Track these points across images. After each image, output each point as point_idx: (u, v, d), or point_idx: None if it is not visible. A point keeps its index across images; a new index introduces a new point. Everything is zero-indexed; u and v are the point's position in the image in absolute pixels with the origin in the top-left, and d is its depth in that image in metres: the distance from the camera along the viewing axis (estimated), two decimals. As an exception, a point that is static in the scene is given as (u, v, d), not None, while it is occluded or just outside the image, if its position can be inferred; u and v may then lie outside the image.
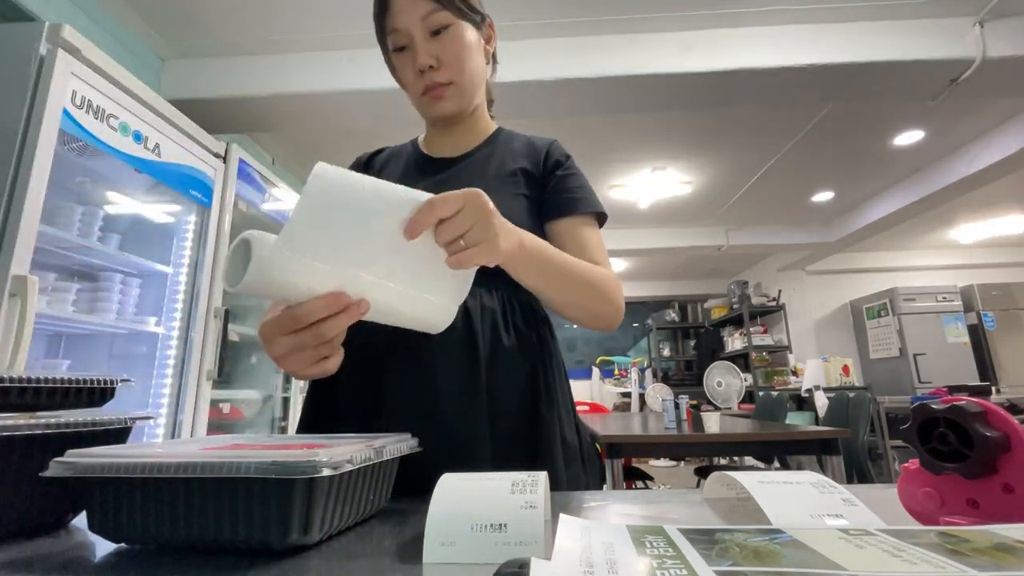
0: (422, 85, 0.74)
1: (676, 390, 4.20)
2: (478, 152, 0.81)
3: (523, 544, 0.32)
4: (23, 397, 0.55)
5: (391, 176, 0.81)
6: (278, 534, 0.34)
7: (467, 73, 0.75)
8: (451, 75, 0.73)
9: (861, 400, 2.75)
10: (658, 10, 2.29)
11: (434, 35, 0.71)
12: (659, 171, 3.86)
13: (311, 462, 0.34)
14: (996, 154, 3.31)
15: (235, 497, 0.35)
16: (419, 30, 0.70)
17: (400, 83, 0.78)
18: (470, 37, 0.74)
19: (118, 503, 0.36)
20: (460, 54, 0.73)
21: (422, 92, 0.75)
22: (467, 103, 0.79)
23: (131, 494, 0.36)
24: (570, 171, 0.79)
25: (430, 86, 0.73)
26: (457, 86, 0.74)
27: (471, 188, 0.49)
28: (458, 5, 0.71)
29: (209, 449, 0.39)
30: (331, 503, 0.38)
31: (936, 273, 5.79)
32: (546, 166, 0.79)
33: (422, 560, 0.32)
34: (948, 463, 0.36)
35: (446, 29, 0.71)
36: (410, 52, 0.72)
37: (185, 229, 2.10)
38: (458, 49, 0.72)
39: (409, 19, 0.70)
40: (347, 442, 0.43)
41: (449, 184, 0.70)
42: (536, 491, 0.36)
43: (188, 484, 0.35)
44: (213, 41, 2.41)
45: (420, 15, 0.69)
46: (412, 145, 0.87)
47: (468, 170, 0.79)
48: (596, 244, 0.75)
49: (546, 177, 0.78)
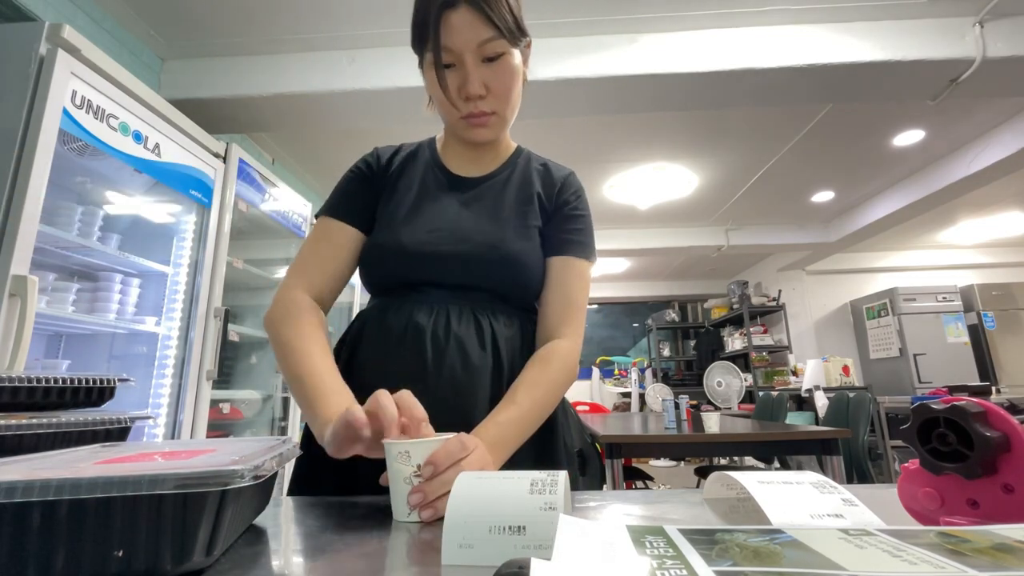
0: (466, 110, 0.73)
1: (676, 390, 4.21)
2: (500, 174, 0.82)
3: (543, 547, 0.31)
4: (23, 397, 0.55)
5: (409, 183, 0.81)
6: (175, 556, 0.29)
7: (511, 104, 0.75)
8: (497, 106, 0.73)
9: (861, 400, 2.75)
10: (658, 10, 2.29)
11: (486, 61, 0.69)
12: (659, 171, 3.86)
13: (234, 470, 0.30)
14: (996, 154, 3.31)
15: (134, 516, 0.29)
16: (473, 55, 0.68)
17: (435, 97, 0.74)
18: (517, 64, 0.73)
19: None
20: (510, 87, 0.73)
21: (464, 115, 0.73)
22: (505, 131, 0.81)
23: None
24: (576, 211, 0.80)
25: (475, 113, 0.73)
26: (500, 116, 0.75)
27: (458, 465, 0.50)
28: (515, 33, 0.69)
29: None
30: (234, 514, 0.34)
31: (936, 273, 5.79)
32: (558, 199, 0.80)
33: (441, 562, 0.32)
34: (948, 463, 0.36)
35: (500, 57, 0.69)
36: (458, 72, 0.70)
37: (185, 229, 2.10)
38: (509, 81, 0.72)
39: (465, 42, 0.67)
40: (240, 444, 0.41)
41: (472, 207, 0.79)
42: (556, 491, 0.35)
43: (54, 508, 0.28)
44: (213, 41, 2.41)
45: (478, 41, 0.67)
46: (430, 150, 0.85)
47: (492, 193, 0.80)
48: (577, 289, 0.77)
49: (555, 211, 0.80)
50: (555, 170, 0.84)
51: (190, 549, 0.30)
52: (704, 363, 5.85)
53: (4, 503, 0.28)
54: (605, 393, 6.51)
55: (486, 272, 0.73)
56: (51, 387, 0.56)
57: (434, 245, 0.73)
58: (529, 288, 0.77)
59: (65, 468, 0.33)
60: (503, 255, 0.73)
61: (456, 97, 0.71)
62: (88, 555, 0.29)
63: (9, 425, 0.47)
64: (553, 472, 0.38)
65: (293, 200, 2.77)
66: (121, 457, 0.39)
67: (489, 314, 0.74)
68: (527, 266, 0.75)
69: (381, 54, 2.43)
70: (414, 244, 0.73)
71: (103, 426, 0.58)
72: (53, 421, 0.47)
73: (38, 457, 0.41)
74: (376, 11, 2.25)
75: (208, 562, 0.32)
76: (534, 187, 0.80)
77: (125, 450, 0.45)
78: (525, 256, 0.75)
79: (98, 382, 0.64)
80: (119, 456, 0.40)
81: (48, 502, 0.28)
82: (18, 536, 0.28)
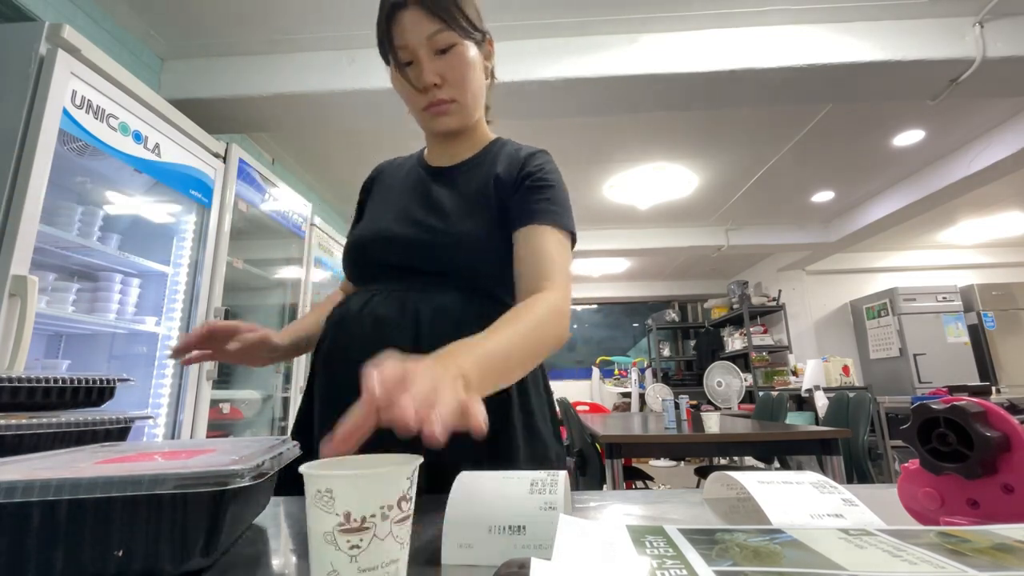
0: (425, 101, 0.76)
1: (676, 390, 4.21)
2: (470, 162, 0.83)
3: (543, 547, 0.31)
4: (23, 397, 0.55)
5: (391, 184, 0.87)
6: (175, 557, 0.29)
7: (469, 91, 0.77)
8: (454, 93, 0.76)
9: (861, 400, 2.75)
10: (658, 10, 2.29)
11: (439, 53, 0.73)
12: (659, 171, 3.85)
13: (234, 470, 0.30)
14: (996, 154, 3.31)
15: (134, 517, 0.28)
16: (425, 48, 0.72)
17: (402, 95, 0.79)
18: (472, 55, 0.76)
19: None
20: (464, 73, 0.75)
21: (425, 107, 0.77)
22: (468, 119, 0.81)
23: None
24: (540, 182, 0.76)
25: (434, 102, 0.76)
26: (460, 103, 0.77)
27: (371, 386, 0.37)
28: (463, 25, 0.73)
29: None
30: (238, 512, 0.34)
31: (936, 273, 5.79)
32: (520, 174, 0.78)
33: (440, 562, 0.32)
34: (948, 463, 0.36)
35: (451, 48, 0.73)
36: (415, 68, 0.74)
37: (185, 229, 2.10)
38: (462, 68, 0.74)
39: (415, 37, 0.72)
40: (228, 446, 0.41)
41: (437, 193, 0.80)
42: (556, 491, 0.35)
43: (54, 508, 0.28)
44: (213, 41, 2.41)
45: (427, 34, 0.71)
46: (420, 153, 0.91)
47: (458, 179, 0.81)
48: (552, 254, 0.70)
49: (518, 186, 0.77)
50: (523, 150, 0.83)
51: (190, 549, 0.29)
52: (704, 363, 5.85)
53: (4, 503, 0.28)
54: (605, 393, 6.51)
55: (428, 254, 0.74)
56: (51, 387, 0.56)
57: (383, 232, 0.77)
58: (476, 269, 0.74)
59: (65, 468, 0.33)
60: (441, 236, 0.73)
61: (416, 91, 0.75)
62: (88, 555, 0.29)
63: (9, 425, 0.47)
64: (553, 472, 0.38)
65: (293, 200, 2.77)
66: (121, 457, 0.39)
67: (420, 294, 0.72)
68: (469, 247, 0.73)
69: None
70: (368, 233, 0.79)
71: (103, 426, 0.58)
72: (53, 421, 0.47)
73: (38, 457, 0.41)
74: (376, 11, 2.25)
75: (208, 562, 0.31)
76: (496, 169, 0.79)
77: (125, 450, 0.45)
78: (467, 237, 0.73)
79: (98, 382, 0.64)
80: (119, 456, 0.40)
81: (48, 502, 0.28)
82: (18, 536, 0.28)
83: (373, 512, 0.30)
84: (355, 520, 0.29)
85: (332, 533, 0.29)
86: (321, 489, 0.30)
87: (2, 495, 0.27)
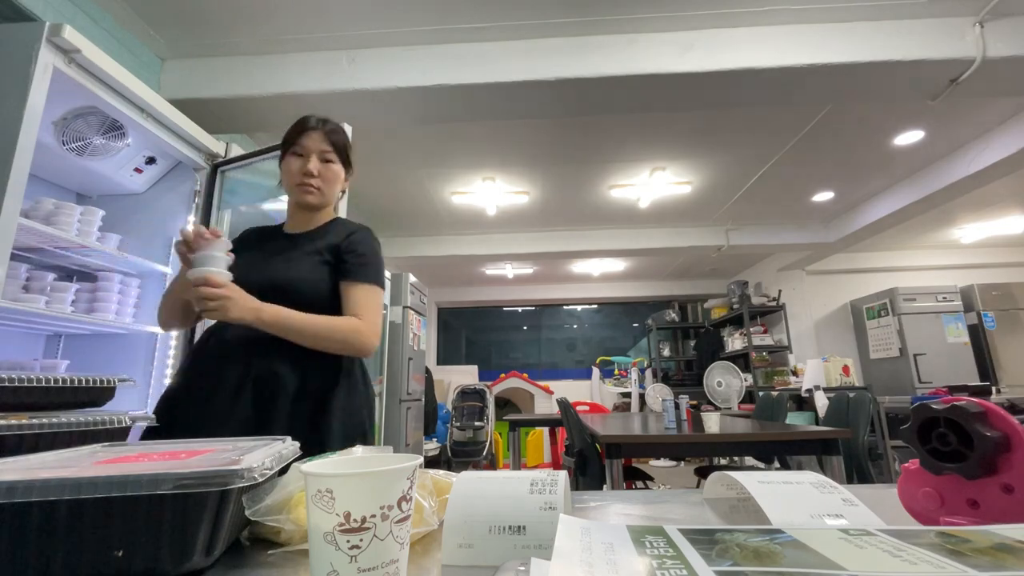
0: (302, 180, 1.13)
1: (676, 390, 4.21)
2: (314, 232, 1.18)
3: (542, 547, 0.31)
4: (23, 397, 0.55)
5: (254, 246, 1.17)
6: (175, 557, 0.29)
7: (332, 190, 1.17)
8: (321, 185, 1.15)
9: (861, 400, 2.74)
10: (657, 10, 2.29)
11: (323, 162, 1.14)
12: (659, 171, 3.85)
13: (234, 470, 0.30)
14: (996, 154, 3.31)
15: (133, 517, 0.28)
16: (316, 154, 1.14)
17: (286, 174, 1.15)
18: (339, 172, 1.18)
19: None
20: (331, 179, 1.16)
21: (299, 183, 1.13)
22: (325, 204, 1.19)
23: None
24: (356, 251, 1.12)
25: (307, 182, 1.13)
26: (322, 192, 1.16)
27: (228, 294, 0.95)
28: (342, 156, 1.17)
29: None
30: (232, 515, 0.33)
31: (936, 273, 5.79)
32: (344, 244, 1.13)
33: (440, 562, 0.32)
34: (948, 463, 0.36)
35: (331, 163, 1.16)
36: (304, 160, 1.13)
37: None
38: (332, 177, 1.16)
39: (313, 147, 1.14)
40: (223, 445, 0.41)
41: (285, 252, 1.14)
42: (555, 491, 0.35)
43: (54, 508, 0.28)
44: (213, 41, 2.41)
45: (321, 149, 1.14)
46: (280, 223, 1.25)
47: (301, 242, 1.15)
48: (359, 301, 1.08)
49: (343, 252, 1.12)
50: (352, 227, 1.18)
51: (190, 549, 0.29)
52: (704, 363, 5.85)
53: (4, 503, 0.28)
54: (605, 393, 6.51)
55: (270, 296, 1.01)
56: (51, 387, 0.56)
57: (241, 280, 1.00)
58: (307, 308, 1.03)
59: (65, 468, 0.33)
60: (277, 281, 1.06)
61: (299, 171, 1.13)
62: (88, 555, 0.29)
63: (9, 425, 0.47)
64: (553, 472, 0.38)
65: (293, 200, 2.77)
66: (121, 457, 0.39)
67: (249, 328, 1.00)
68: (297, 290, 1.06)
69: (381, 54, 2.44)
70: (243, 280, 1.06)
71: (103, 426, 0.58)
72: (53, 421, 0.47)
73: (38, 457, 0.41)
74: (376, 11, 2.25)
75: (208, 562, 0.31)
76: (329, 239, 1.14)
77: (125, 450, 0.45)
78: (298, 282, 1.07)
79: (98, 382, 0.64)
80: (119, 456, 0.40)
81: (48, 502, 0.28)
82: (18, 536, 0.28)
83: (373, 512, 0.30)
84: (355, 520, 0.30)
85: (332, 533, 0.30)
86: (321, 489, 0.30)
87: (2, 495, 0.27)
